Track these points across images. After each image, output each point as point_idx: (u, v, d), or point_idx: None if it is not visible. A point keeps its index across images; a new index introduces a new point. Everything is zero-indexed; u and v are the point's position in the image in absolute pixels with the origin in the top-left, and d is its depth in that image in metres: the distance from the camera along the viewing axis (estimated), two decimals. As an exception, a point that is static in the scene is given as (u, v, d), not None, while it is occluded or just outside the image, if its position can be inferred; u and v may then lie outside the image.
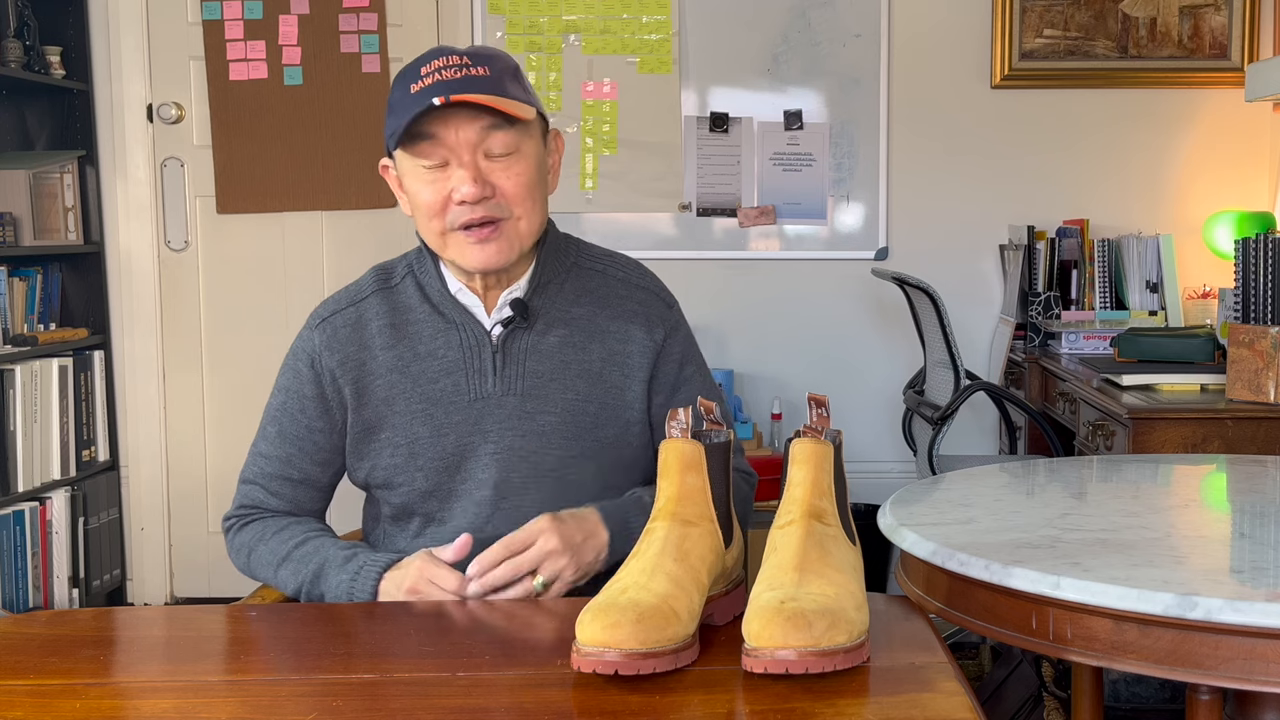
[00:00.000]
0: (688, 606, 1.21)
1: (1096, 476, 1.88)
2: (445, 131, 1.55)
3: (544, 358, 1.65)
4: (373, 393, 1.66)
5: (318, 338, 1.68)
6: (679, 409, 1.32)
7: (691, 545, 1.26)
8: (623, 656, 1.15)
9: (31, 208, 3.60)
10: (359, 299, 1.70)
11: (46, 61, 3.76)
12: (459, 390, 1.64)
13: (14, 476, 3.47)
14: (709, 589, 1.28)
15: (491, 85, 1.55)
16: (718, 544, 1.30)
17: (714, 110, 3.89)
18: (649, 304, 1.71)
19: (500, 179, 1.58)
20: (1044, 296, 3.58)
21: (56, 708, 1.15)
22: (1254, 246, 2.56)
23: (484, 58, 1.57)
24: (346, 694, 1.17)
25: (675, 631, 1.18)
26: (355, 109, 3.91)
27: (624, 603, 1.18)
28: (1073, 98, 3.87)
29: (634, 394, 1.68)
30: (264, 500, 1.70)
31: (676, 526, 1.27)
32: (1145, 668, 1.23)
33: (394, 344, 1.66)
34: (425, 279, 1.68)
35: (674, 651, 1.18)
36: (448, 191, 1.57)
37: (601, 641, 1.15)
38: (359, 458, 1.68)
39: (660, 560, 1.24)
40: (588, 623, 1.17)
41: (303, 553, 1.63)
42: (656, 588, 1.21)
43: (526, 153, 1.59)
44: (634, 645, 1.15)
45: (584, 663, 1.16)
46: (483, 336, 1.65)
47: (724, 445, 1.33)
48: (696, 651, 1.22)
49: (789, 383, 3.93)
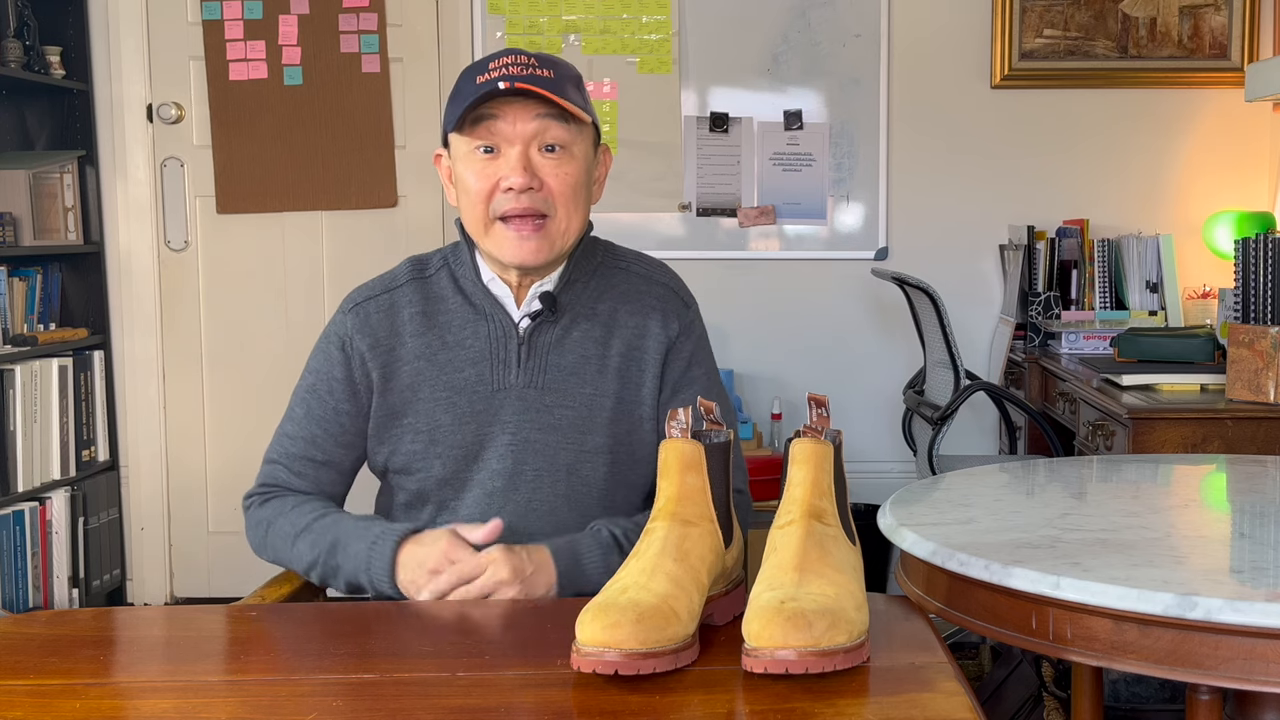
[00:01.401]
0: (687, 606, 1.21)
1: (1096, 476, 1.88)
2: (503, 118, 1.59)
3: (567, 352, 1.68)
4: (399, 378, 1.68)
5: (350, 321, 1.71)
6: (679, 409, 1.32)
7: (691, 545, 1.26)
8: (623, 656, 1.15)
9: (31, 208, 3.60)
10: (393, 286, 1.72)
11: (46, 61, 3.76)
12: (482, 380, 1.66)
13: (14, 476, 3.47)
14: (709, 589, 1.28)
15: (553, 86, 1.59)
16: (717, 544, 1.30)
17: (714, 110, 3.89)
18: (667, 300, 1.74)
19: (548, 175, 1.61)
20: (1044, 296, 3.58)
21: (56, 708, 1.15)
22: (1254, 246, 2.56)
23: (551, 62, 1.62)
24: (346, 694, 1.17)
25: (675, 631, 1.18)
26: (355, 109, 3.91)
27: (624, 603, 1.18)
28: (1073, 98, 3.88)
29: (648, 389, 1.70)
30: (287, 480, 1.72)
31: (676, 526, 1.27)
32: (1145, 668, 1.23)
33: (423, 331, 1.68)
34: (459, 269, 1.71)
35: (674, 651, 1.18)
36: (496, 178, 1.61)
37: (601, 641, 1.15)
38: (380, 442, 1.70)
39: (660, 560, 1.24)
40: (588, 623, 1.17)
41: (322, 525, 1.64)
42: (656, 588, 1.21)
43: (577, 155, 1.63)
44: (634, 645, 1.15)
45: (584, 663, 1.16)
46: (510, 328, 1.67)
47: (724, 445, 1.33)
48: (696, 651, 1.22)
49: (789, 383, 3.93)
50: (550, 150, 1.61)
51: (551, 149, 1.61)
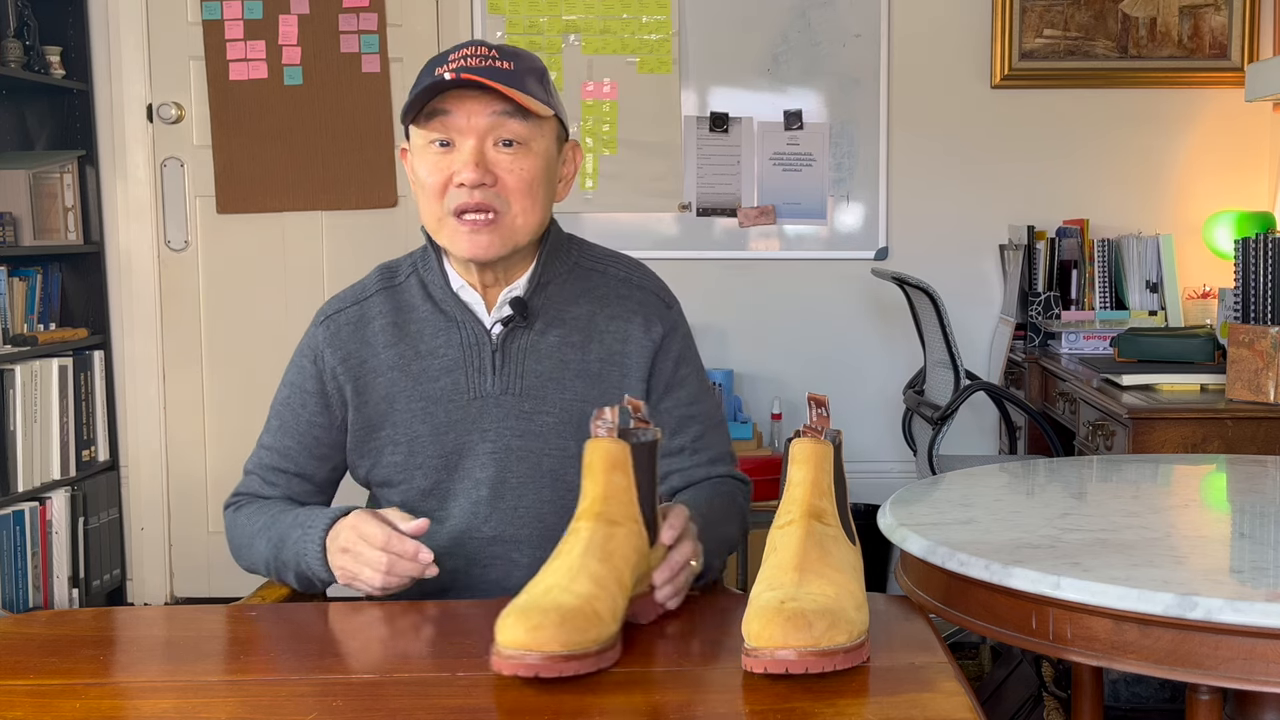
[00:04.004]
0: (610, 607, 1.21)
1: (1096, 476, 1.88)
2: (457, 112, 1.56)
3: (543, 357, 1.65)
4: (373, 391, 1.66)
5: (321, 334, 1.69)
6: (605, 408, 1.31)
7: (616, 546, 1.25)
8: (544, 659, 1.14)
9: (31, 208, 3.60)
10: (363, 297, 1.71)
11: (46, 61, 3.76)
12: (458, 389, 1.64)
13: (14, 476, 3.47)
14: (632, 589, 1.27)
15: (511, 78, 1.56)
16: (642, 544, 1.29)
17: (714, 110, 3.89)
18: (648, 303, 1.71)
19: (503, 170, 1.58)
20: (1044, 296, 3.58)
21: (56, 708, 1.15)
22: (1254, 246, 2.56)
23: (512, 54, 1.59)
24: (346, 694, 1.17)
25: (598, 633, 1.18)
26: (355, 109, 3.91)
27: (546, 604, 1.17)
28: (1073, 98, 3.87)
29: (632, 394, 1.67)
30: (260, 489, 1.72)
31: (601, 527, 1.26)
32: (1145, 668, 1.23)
33: (395, 342, 1.66)
34: (429, 276, 1.68)
35: (596, 653, 1.17)
36: (449, 173, 1.57)
37: (523, 644, 1.14)
38: (360, 455, 1.69)
39: (585, 561, 1.23)
40: (509, 625, 1.16)
41: (275, 522, 1.63)
42: (579, 589, 1.20)
43: (535, 150, 1.59)
44: (555, 648, 1.14)
45: (505, 665, 1.15)
46: (483, 335, 1.65)
47: (650, 445, 1.32)
48: (619, 653, 1.21)
49: (789, 383, 3.93)
50: (507, 145, 1.57)
51: (509, 144, 1.57)
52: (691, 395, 1.70)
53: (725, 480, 1.72)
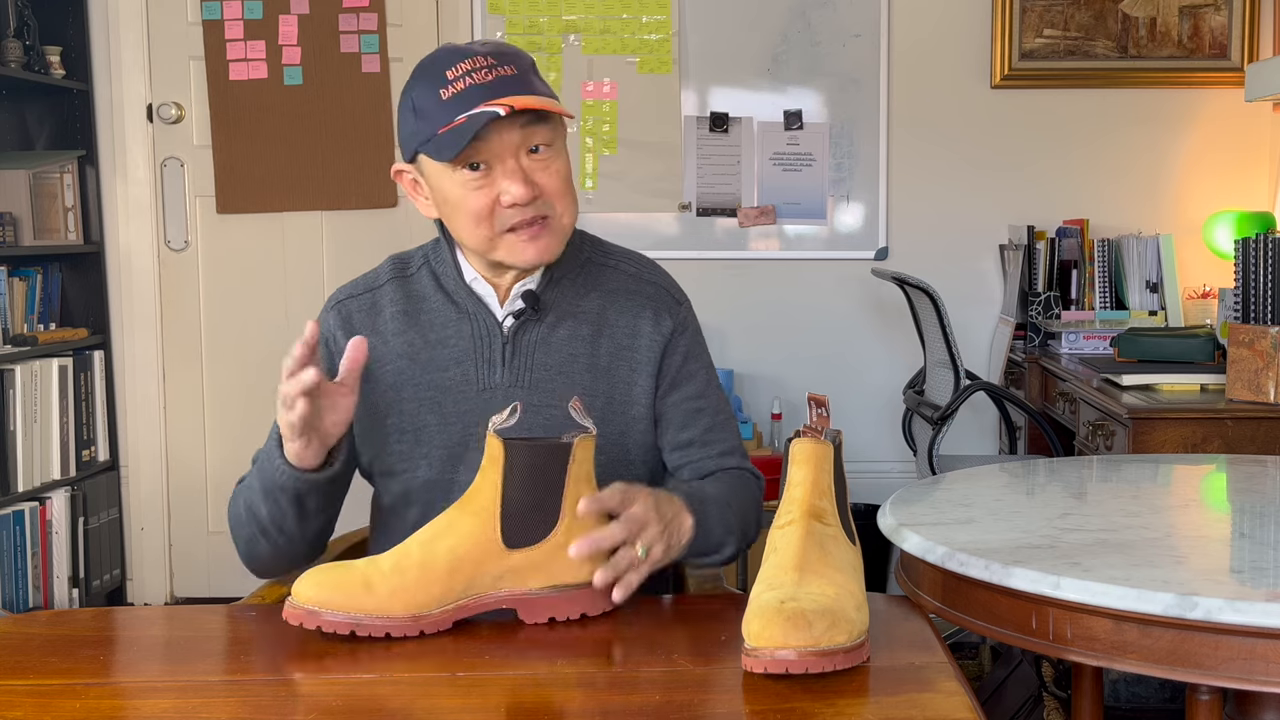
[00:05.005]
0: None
1: (1096, 476, 1.88)
2: (490, 136, 1.54)
3: (553, 351, 1.66)
4: (381, 378, 1.66)
5: (333, 318, 1.70)
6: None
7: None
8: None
9: (31, 208, 3.60)
10: (375, 285, 1.71)
11: (46, 61, 3.76)
12: (467, 380, 1.65)
13: (14, 476, 3.47)
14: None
15: (522, 84, 1.55)
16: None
17: (714, 110, 3.89)
18: (658, 299, 1.72)
19: (542, 177, 1.58)
20: (1044, 296, 3.58)
21: (56, 708, 1.15)
22: (1254, 246, 2.56)
23: (507, 56, 1.58)
24: (346, 694, 1.17)
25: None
26: (355, 109, 3.91)
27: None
28: (1073, 98, 3.87)
29: (641, 389, 1.68)
30: None
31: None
32: (1145, 668, 1.23)
33: (405, 330, 1.67)
34: (441, 268, 1.69)
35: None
36: (495, 196, 1.57)
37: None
38: (364, 443, 1.68)
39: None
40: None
41: (260, 471, 1.61)
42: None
43: (559, 148, 1.61)
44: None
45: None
46: (494, 327, 1.66)
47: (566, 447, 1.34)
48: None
49: (789, 383, 3.93)
50: (535, 151, 1.58)
51: (536, 149, 1.58)
52: (700, 390, 1.71)
53: (739, 472, 1.72)
